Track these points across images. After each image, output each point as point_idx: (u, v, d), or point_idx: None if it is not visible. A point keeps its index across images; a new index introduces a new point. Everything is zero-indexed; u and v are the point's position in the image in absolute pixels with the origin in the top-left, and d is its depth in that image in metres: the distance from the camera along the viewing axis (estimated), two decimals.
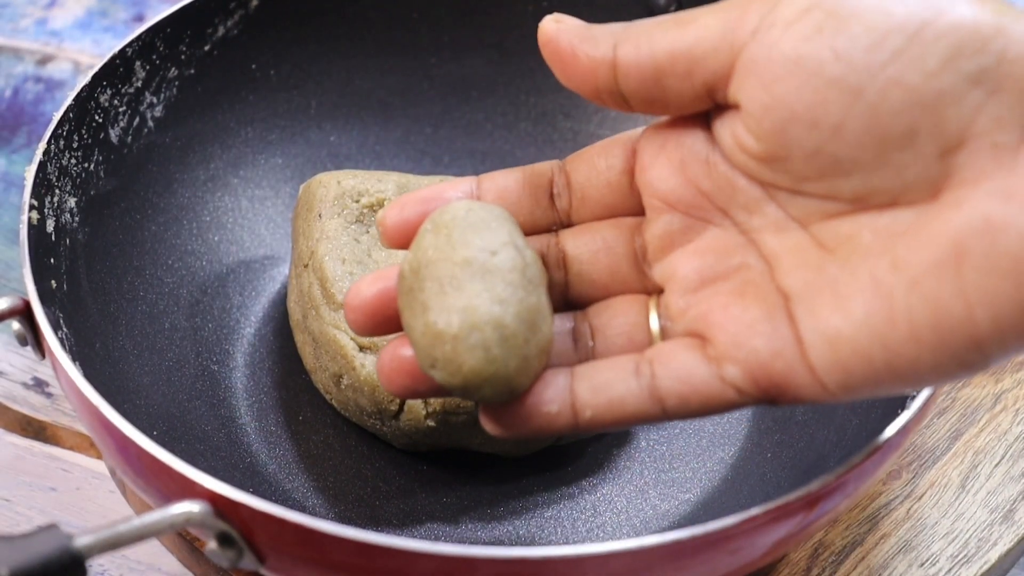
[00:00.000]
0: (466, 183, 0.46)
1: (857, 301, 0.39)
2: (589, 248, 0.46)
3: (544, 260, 0.46)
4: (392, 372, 0.44)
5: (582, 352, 0.45)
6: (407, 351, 0.44)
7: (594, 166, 0.45)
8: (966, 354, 0.38)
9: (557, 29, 0.44)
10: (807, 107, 0.39)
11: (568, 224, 0.46)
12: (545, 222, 0.46)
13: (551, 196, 0.46)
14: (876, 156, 0.38)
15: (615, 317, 0.45)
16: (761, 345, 0.40)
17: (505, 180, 0.46)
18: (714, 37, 0.41)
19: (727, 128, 0.42)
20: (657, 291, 0.45)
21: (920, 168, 0.38)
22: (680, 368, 0.42)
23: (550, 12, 0.67)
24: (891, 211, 0.39)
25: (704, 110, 0.42)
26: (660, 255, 0.44)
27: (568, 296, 0.46)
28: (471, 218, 0.43)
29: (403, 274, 0.44)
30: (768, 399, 0.41)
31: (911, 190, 0.38)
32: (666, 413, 0.42)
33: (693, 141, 0.43)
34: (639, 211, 0.45)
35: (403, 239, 0.46)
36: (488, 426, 0.43)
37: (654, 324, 0.44)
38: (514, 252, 0.43)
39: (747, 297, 0.42)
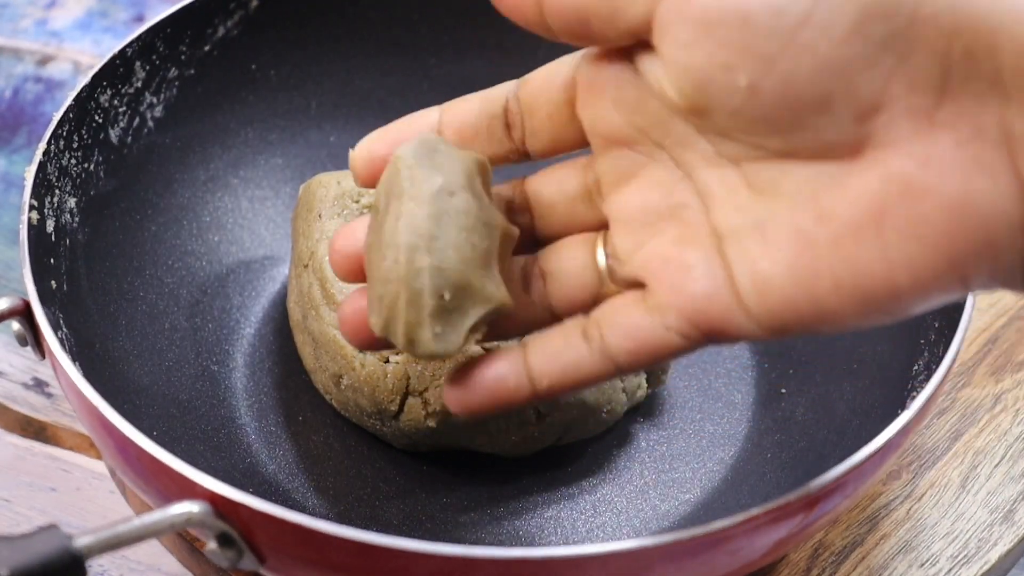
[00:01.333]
0: (431, 114, 0.47)
1: (783, 248, 0.40)
2: (548, 189, 0.46)
3: (512, 205, 0.47)
4: (351, 323, 0.45)
5: (536, 295, 0.46)
6: (364, 301, 0.45)
7: (544, 91, 0.46)
8: (888, 305, 0.39)
9: None
10: (722, 71, 0.39)
11: (524, 153, 0.46)
12: (503, 152, 0.46)
13: (506, 125, 0.46)
14: (793, 121, 0.39)
15: (563, 260, 0.46)
16: (697, 289, 0.41)
17: (465, 111, 0.47)
18: None
19: (652, 70, 0.42)
20: (605, 227, 0.46)
21: (837, 131, 0.38)
22: (626, 325, 0.43)
23: None
24: (815, 163, 0.39)
25: (632, 44, 0.42)
26: (609, 190, 0.45)
27: (536, 238, 0.47)
28: (434, 159, 0.44)
29: (372, 213, 0.45)
30: (710, 340, 0.42)
31: (832, 149, 0.39)
32: (620, 369, 0.43)
33: (623, 79, 0.43)
34: (584, 142, 0.46)
35: (372, 178, 0.46)
36: (451, 404, 0.44)
37: (601, 261, 0.45)
38: (469, 196, 0.43)
39: (684, 241, 0.42)
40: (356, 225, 0.46)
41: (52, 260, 0.55)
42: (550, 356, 0.43)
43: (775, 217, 0.40)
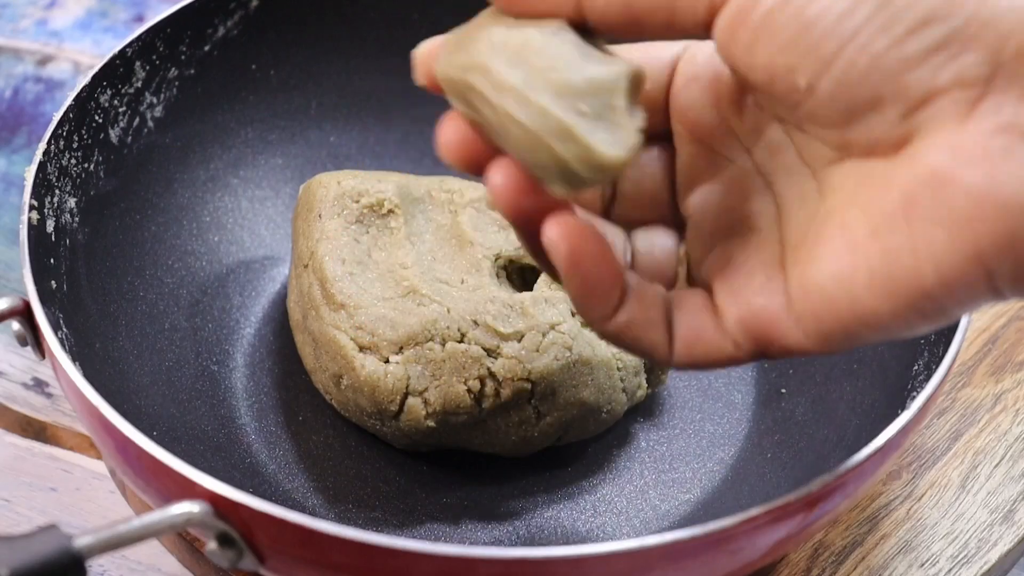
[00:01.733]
0: None
1: (827, 249, 0.40)
2: (635, 172, 0.46)
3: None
4: (506, 190, 0.41)
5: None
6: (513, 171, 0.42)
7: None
8: (921, 304, 0.38)
9: None
10: (783, 71, 0.39)
11: None
12: None
13: None
14: (846, 117, 0.39)
15: (653, 247, 0.46)
16: (755, 298, 0.42)
17: None
18: None
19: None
20: (683, 225, 0.46)
21: (886, 127, 0.39)
22: (690, 315, 0.43)
23: None
24: (868, 161, 0.40)
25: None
26: (688, 188, 0.45)
27: (611, 215, 0.46)
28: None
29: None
30: (761, 350, 0.42)
31: (880, 144, 0.39)
32: (673, 355, 0.43)
33: (727, 76, 0.43)
34: (666, 133, 0.46)
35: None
36: (554, 233, 0.41)
37: (680, 262, 0.45)
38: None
39: (750, 247, 0.43)
40: (451, 117, 0.43)
41: (52, 260, 0.55)
42: (641, 301, 0.43)
43: (826, 220, 0.40)
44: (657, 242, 0.46)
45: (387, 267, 0.58)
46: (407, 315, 0.56)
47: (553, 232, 0.41)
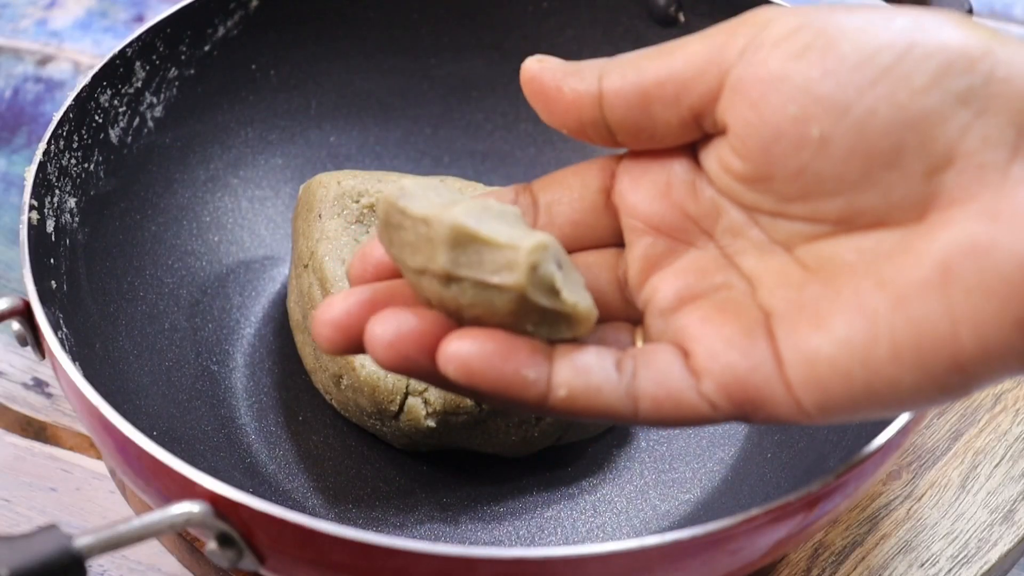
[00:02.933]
0: None
1: (839, 320, 0.38)
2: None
3: None
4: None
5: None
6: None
7: (566, 186, 0.45)
8: (947, 376, 0.37)
9: (540, 67, 0.44)
10: (793, 124, 0.38)
11: None
12: None
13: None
14: (862, 175, 0.38)
15: (605, 341, 0.43)
16: (737, 359, 0.40)
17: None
18: (701, 60, 0.40)
19: (712, 153, 0.42)
20: (641, 317, 0.44)
21: (907, 188, 0.38)
22: (660, 371, 0.41)
23: (550, 12, 0.68)
24: (876, 232, 0.39)
25: (690, 141, 0.42)
26: (641, 278, 0.44)
27: None
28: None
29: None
30: (742, 415, 0.40)
31: (897, 210, 0.38)
32: (637, 415, 0.41)
33: (678, 166, 0.43)
34: (612, 233, 0.45)
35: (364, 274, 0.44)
36: (451, 363, 0.40)
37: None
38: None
39: (727, 313, 0.41)
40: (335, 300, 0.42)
41: (52, 260, 0.55)
42: (578, 368, 0.41)
43: (832, 292, 0.39)
44: (605, 339, 0.43)
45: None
46: None
47: (450, 368, 0.40)
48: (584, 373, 0.41)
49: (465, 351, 0.40)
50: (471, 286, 0.40)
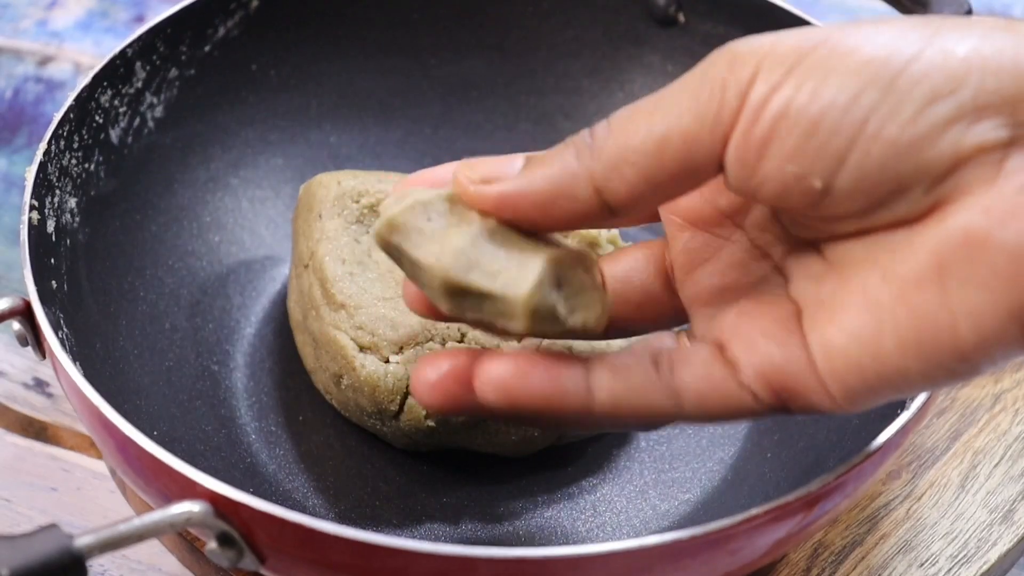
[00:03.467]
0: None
1: (849, 313, 0.39)
2: (624, 269, 0.46)
3: None
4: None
5: None
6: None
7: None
8: (952, 364, 0.38)
9: (500, 191, 0.41)
10: (795, 180, 0.39)
11: None
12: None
13: None
14: (868, 206, 0.39)
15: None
16: (774, 352, 0.41)
17: None
18: (702, 131, 0.39)
19: (727, 180, 0.42)
20: (685, 314, 0.45)
21: (911, 205, 0.38)
22: (699, 367, 0.42)
23: (550, 12, 0.68)
24: (887, 232, 0.39)
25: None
26: (685, 273, 0.45)
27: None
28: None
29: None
30: (782, 405, 0.41)
31: (904, 219, 0.39)
32: (682, 411, 0.42)
33: None
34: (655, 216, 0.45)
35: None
36: (492, 395, 0.42)
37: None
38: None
39: (762, 305, 0.42)
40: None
41: (53, 260, 0.55)
42: (616, 370, 0.42)
43: (844, 286, 0.40)
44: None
45: (387, 267, 0.58)
46: (407, 315, 0.56)
47: (488, 395, 0.42)
48: (623, 374, 0.42)
49: (499, 373, 0.41)
50: (480, 322, 0.42)
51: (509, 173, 0.42)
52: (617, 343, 0.53)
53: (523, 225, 0.42)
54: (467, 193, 0.42)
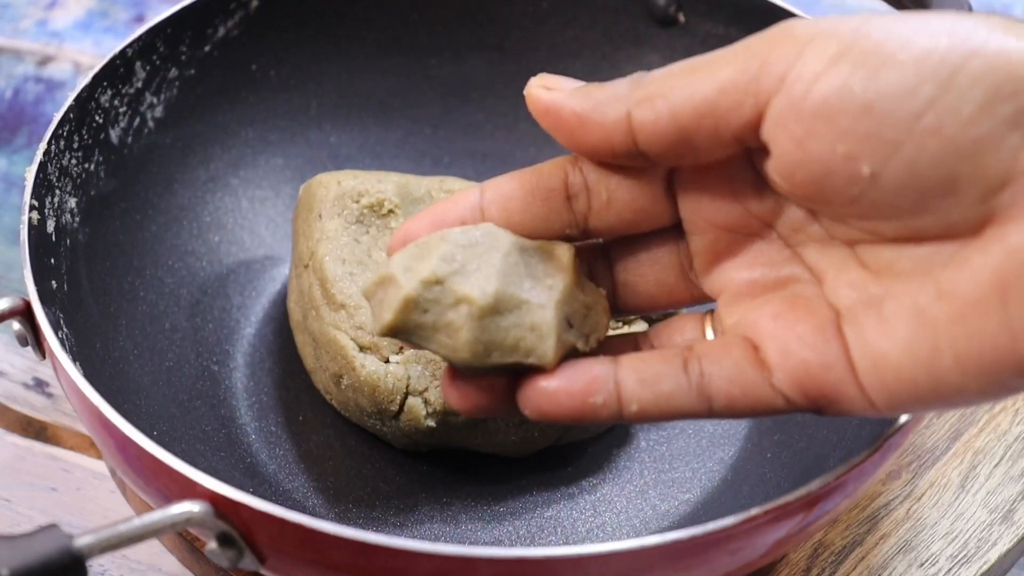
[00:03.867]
0: (470, 198, 0.44)
1: (901, 327, 0.39)
2: (635, 258, 0.45)
3: (590, 273, 0.46)
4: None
5: None
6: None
7: (623, 169, 0.43)
8: (1012, 381, 0.38)
9: (551, 98, 0.42)
10: (842, 162, 0.38)
11: (586, 227, 0.44)
12: (559, 226, 0.44)
13: (566, 197, 0.44)
14: (916, 203, 0.38)
15: (674, 336, 0.45)
16: (811, 357, 0.40)
17: (510, 188, 0.44)
18: (736, 88, 0.39)
19: (765, 165, 0.41)
20: (706, 300, 0.45)
21: (963, 211, 0.38)
22: (730, 369, 0.41)
23: (550, 12, 0.68)
24: (933, 244, 0.39)
25: (737, 153, 0.41)
26: (708, 268, 0.44)
27: (615, 306, 0.46)
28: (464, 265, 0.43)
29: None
30: (815, 409, 0.41)
31: (954, 229, 0.38)
32: (712, 412, 0.42)
33: (737, 169, 0.42)
34: (672, 213, 0.44)
35: None
36: (528, 408, 0.42)
37: (710, 336, 0.44)
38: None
39: (798, 309, 0.41)
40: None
41: (53, 260, 0.55)
42: (646, 381, 0.42)
43: (892, 297, 0.39)
44: (678, 331, 0.45)
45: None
46: None
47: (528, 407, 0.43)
48: (652, 385, 0.42)
49: (534, 398, 0.42)
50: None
51: (567, 86, 0.42)
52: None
53: (560, 140, 0.43)
54: (530, 94, 0.43)
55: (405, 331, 0.43)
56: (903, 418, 0.48)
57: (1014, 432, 0.61)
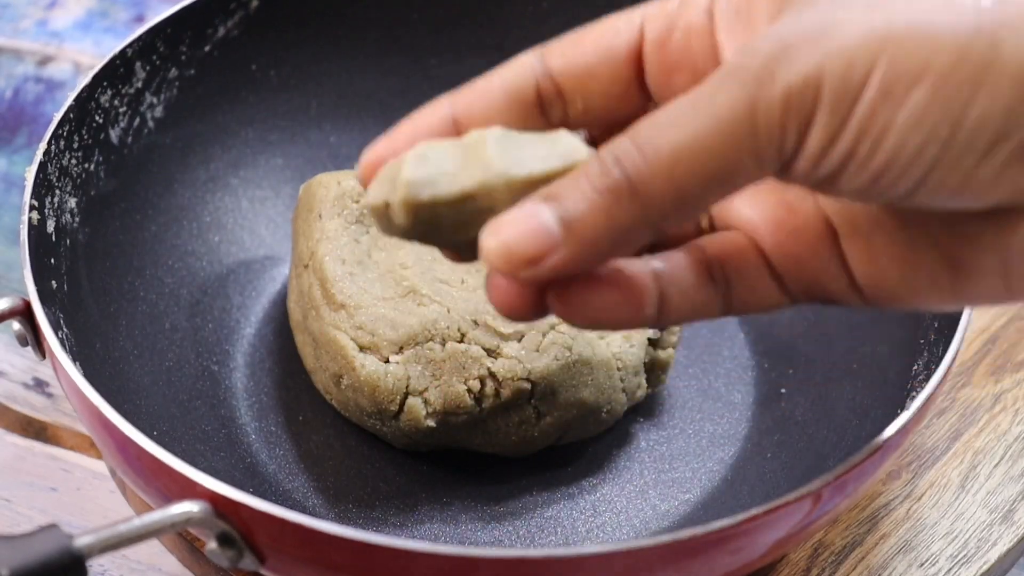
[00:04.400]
0: (441, 108, 0.43)
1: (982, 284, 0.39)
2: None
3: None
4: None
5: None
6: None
7: (593, 76, 0.41)
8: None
9: (554, 267, 0.37)
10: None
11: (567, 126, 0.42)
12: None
13: (541, 112, 0.42)
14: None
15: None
16: (820, 275, 0.41)
17: (484, 98, 0.42)
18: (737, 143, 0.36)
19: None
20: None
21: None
22: (758, 294, 0.41)
23: (550, 12, 0.68)
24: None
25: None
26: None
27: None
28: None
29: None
30: (814, 302, 0.42)
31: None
32: (727, 314, 0.41)
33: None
34: (644, 111, 0.42)
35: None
36: (561, 310, 0.38)
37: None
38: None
39: (798, 216, 0.41)
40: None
41: (52, 260, 0.55)
42: (684, 295, 0.40)
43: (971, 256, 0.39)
44: None
45: (387, 267, 0.58)
46: (407, 315, 0.56)
47: (557, 309, 0.39)
48: (688, 298, 0.40)
49: (580, 307, 0.39)
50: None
51: (549, 243, 0.37)
52: None
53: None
54: (510, 273, 0.38)
55: (428, 183, 0.39)
56: (903, 418, 0.48)
57: (1014, 432, 0.61)
